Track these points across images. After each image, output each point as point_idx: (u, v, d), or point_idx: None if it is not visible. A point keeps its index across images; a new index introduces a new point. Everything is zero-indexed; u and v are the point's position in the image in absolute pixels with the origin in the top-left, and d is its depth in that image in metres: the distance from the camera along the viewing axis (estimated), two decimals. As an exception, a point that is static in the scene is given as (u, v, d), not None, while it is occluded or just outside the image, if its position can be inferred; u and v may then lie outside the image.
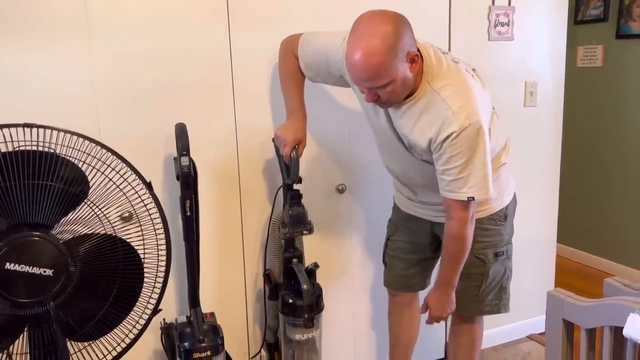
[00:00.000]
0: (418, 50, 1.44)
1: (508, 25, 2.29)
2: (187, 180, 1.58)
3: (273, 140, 1.79)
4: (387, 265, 1.96)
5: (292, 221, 1.74)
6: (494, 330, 2.51)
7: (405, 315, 2.00)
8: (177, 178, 1.60)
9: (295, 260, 1.79)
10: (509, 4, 2.27)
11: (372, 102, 1.48)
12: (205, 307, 1.78)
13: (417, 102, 1.49)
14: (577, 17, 3.38)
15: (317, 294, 1.77)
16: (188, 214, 1.61)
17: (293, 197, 1.76)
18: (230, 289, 1.98)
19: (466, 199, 1.50)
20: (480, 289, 1.76)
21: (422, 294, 1.96)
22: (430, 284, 1.93)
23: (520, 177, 2.44)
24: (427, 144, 1.50)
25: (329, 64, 1.64)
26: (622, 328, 1.15)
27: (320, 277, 1.88)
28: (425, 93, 1.48)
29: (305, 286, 1.69)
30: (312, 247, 2.00)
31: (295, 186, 1.78)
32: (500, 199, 1.73)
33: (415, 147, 1.57)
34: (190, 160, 1.59)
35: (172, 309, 1.88)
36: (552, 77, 2.45)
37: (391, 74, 1.38)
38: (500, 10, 2.26)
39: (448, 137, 1.44)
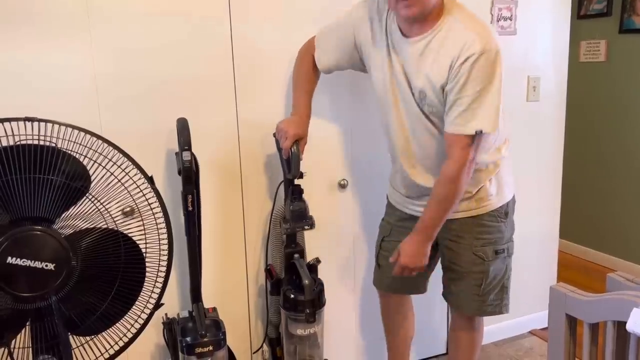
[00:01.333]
0: None
1: (511, 20, 2.28)
2: (189, 175, 1.58)
3: (274, 135, 1.78)
4: (380, 267, 1.90)
5: (293, 216, 1.74)
6: (496, 325, 2.50)
7: (399, 314, 1.97)
8: (179, 173, 1.59)
9: (296, 255, 1.79)
10: (512, -2, 2.26)
11: (408, 12, 1.46)
12: (208, 302, 1.77)
13: (440, 31, 1.50)
14: (580, 12, 3.36)
15: (318, 289, 1.77)
16: (190, 209, 1.61)
17: (294, 192, 1.76)
18: (232, 284, 1.98)
19: (474, 133, 1.48)
20: (480, 288, 1.72)
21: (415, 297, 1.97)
22: (427, 290, 1.91)
23: (523, 172, 2.45)
24: (446, 73, 1.48)
25: (342, 39, 1.70)
26: (625, 323, 1.15)
27: (322, 272, 1.88)
28: (447, 22, 1.50)
29: (306, 281, 1.69)
30: (313, 242, 2.00)
31: (297, 181, 1.77)
32: (500, 194, 1.71)
33: (427, 92, 1.54)
34: (192, 155, 1.59)
35: (175, 304, 1.88)
36: (555, 72, 2.44)
37: None
38: (503, 5, 2.25)
39: (469, 58, 1.44)
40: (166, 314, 1.72)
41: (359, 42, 1.68)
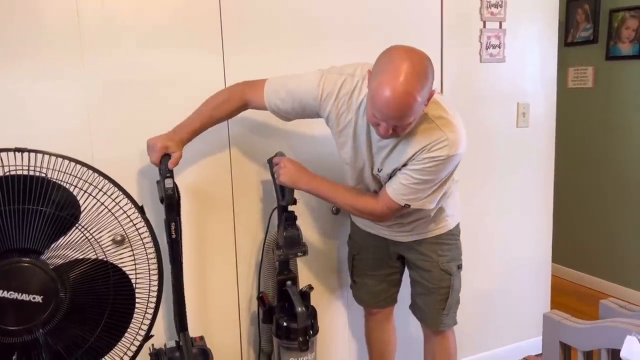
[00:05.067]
0: None
1: (499, 48, 2.32)
2: (172, 202, 1.56)
3: (267, 161, 1.78)
4: (356, 284, 1.98)
5: (286, 243, 1.74)
6: (490, 352, 2.49)
7: (385, 331, 2.04)
8: (161, 201, 1.58)
9: (289, 282, 1.78)
10: (500, 26, 2.30)
11: (384, 136, 1.45)
12: (199, 330, 1.75)
13: (414, 128, 1.48)
14: (567, 39, 3.42)
15: (311, 316, 1.75)
16: (173, 236, 1.59)
17: (288, 219, 1.76)
18: (224, 312, 1.96)
19: (403, 205, 1.57)
20: (446, 303, 1.82)
21: (397, 310, 2.01)
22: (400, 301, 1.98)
23: (514, 197, 2.46)
24: (408, 157, 1.51)
25: (303, 104, 1.62)
26: (619, 351, 1.14)
27: (315, 299, 1.87)
28: (423, 120, 1.49)
29: (299, 309, 1.67)
30: (306, 269, 1.99)
31: (290, 207, 1.77)
32: (454, 216, 1.81)
33: (387, 169, 1.59)
34: (174, 182, 1.58)
35: (161, 334, 1.85)
36: (543, 98, 2.47)
37: (418, 112, 1.40)
38: (492, 33, 2.29)
39: (433, 157, 1.48)
40: (153, 345, 1.69)
41: (325, 115, 1.64)
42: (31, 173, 1.27)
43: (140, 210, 1.40)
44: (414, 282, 1.88)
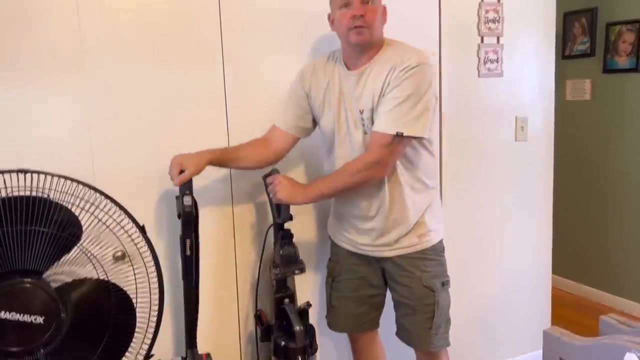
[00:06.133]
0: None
1: (497, 62, 2.34)
2: (189, 219, 1.58)
3: (263, 178, 1.78)
4: (334, 308, 1.90)
5: (283, 261, 1.72)
6: (491, 366, 2.49)
7: (373, 353, 1.97)
8: (179, 217, 1.60)
9: (287, 300, 1.76)
10: (498, 41, 2.32)
11: (356, 24, 1.58)
12: (200, 347, 1.75)
13: (381, 56, 1.64)
14: (565, 52, 3.45)
15: (310, 334, 1.74)
16: (188, 253, 1.60)
17: (284, 237, 1.75)
18: (224, 330, 1.95)
19: (394, 134, 1.56)
20: (433, 321, 1.74)
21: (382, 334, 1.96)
22: (388, 327, 1.89)
23: (514, 210, 2.47)
24: (383, 80, 1.59)
25: (297, 100, 1.79)
26: (619, 369, 1.15)
27: (314, 316, 1.85)
28: (387, 48, 1.66)
29: (297, 328, 1.66)
30: (304, 285, 1.98)
31: (286, 225, 1.76)
32: (437, 231, 1.78)
33: (368, 113, 1.64)
34: (193, 199, 1.59)
35: (168, 349, 1.85)
36: (542, 111, 2.49)
37: None
38: (490, 48, 2.31)
39: (405, 67, 1.56)
40: (159, 360, 1.70)
41: (308, 92, 1.78)
42: (33, 194, 1.28)
43: (142, 229, 1.41)
44: (398, 305, 1.81)
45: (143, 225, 1.42)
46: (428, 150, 1.72)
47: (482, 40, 2.29)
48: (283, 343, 1.71)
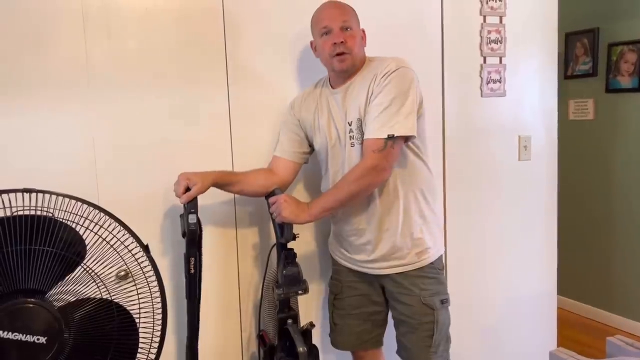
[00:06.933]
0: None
1: (500, 82, 2.35)
2: (193, 237, 1.58)
3: (265, 197, 1.79)
4: (337, 326, 1.90)
5: (286, 281, 1.71)
6: (497, 388, 2.45)
7: None
8: (183, 235, 1.60)
9: (290, 321, 1.75)
10: (500, 61, 2.34)
11: (338, 52, 1.65)
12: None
13: (364, 68, 1.73)
14: (567, 72, 3.47)
15: (313, 355, 1.72)
16: (192, 271, 1.60)
17: (287, 257, 1.74)
18: (227, 350, 1.94)
19: (385, 137, 1.59)
20: (432, 339, 1.74)
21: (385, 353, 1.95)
22: (389, 345, 1.89)
23: (518, 230, 2.46)
24: (367, 90, 1.65)
25: (291, 129, 1.86)
26: (627, 392, 1.13)
27: (317, 334, 1.84)
28: (369, 61, 1.74)
29: (300, 349, 1.64)
30: (307, 305, 1.97)
31: (290, 244, 1.76)
32: (435, 247, 1.79)
33: (356, 124, 1.68)
34: (197, 218, 1.59)
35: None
36: (545, 130, 2.49)
37: (355, 22, 1.70)
38: (492, 68, 2.32)
39: (385, 73, 1.63)
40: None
41: (299, 118, 1.84)
42: (38, 213, 1.28)
43: (145, 249, 1.41)
44: (398, 323, 1.81)
45: (147, 245, 1.42)
46: (423, 161, 1.75)
47: (484, 61, 2.31)
48: (286, 364, 1.69)
